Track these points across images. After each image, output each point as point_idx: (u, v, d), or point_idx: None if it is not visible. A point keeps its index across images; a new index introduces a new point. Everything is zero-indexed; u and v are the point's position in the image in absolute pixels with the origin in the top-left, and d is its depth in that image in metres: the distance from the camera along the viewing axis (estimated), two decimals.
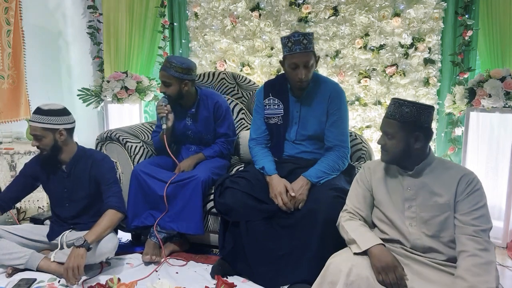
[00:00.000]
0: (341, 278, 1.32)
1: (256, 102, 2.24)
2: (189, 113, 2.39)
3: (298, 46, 1.94)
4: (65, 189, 2.06)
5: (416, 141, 1.45)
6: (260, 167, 2.06)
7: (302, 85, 2.01)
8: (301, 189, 1.92)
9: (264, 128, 2.19)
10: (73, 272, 1.74)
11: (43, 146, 1.95)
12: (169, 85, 2.24)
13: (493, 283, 1.28)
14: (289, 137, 2.15)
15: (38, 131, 1.92)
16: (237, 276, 1.96)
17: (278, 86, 2.17)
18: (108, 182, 2.03)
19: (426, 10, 2.74)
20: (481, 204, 1.39)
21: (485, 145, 2.53)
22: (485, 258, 1.31)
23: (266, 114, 2.18)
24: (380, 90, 2.90)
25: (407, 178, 1.52)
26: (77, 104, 3.38)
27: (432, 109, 1.48)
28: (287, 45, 1.97)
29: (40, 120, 1.92)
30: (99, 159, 2.08)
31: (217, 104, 2.40)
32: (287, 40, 1.96)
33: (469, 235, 1.35)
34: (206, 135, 2.43)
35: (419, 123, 1.44)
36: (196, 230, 2.11)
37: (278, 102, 2.14)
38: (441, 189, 1.45)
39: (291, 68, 1.99)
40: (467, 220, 1.38)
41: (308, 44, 1.95)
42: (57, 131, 1.95)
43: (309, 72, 1.99)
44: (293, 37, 1.94)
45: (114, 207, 1.97)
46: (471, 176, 1.44)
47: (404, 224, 1.49)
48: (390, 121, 1.48)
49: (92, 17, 3.64)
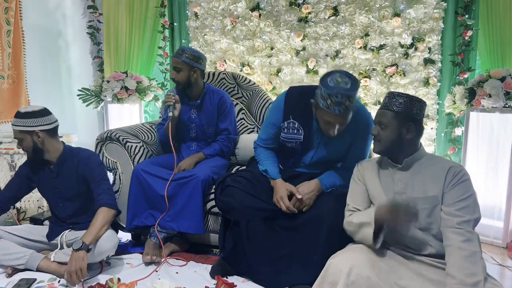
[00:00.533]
0: (342, 278, 1.32)
1: (271, 117, 2.02)
2: (194, 104, 2.44)
3: (339, 108, 1.63)
4: (56, 188, 2.06)
5: (408, 131, 1.51)
6: (264, 169, 2.03)
7: (331, 136, 1.79)
8: (311, 193, 1.88)
9: (274, 138, 2.04)
10: (76, 275, 1.75)
11: (25, 148, 1.98)
12: (180, 71, 2.32)
13: (480, 275, 1.30)
14: (303, 160, 2.02)
15: (16, 134, 1.96)
16: (237, 276, 1.96)
17: (302, 111, 1.89)
18: (97, 180, 2.02)
19: (426, 10, 2.75)
20: (466, 195, 1.42)
21: (485, 145, 2.53)
22: (468, 250, 1.33)
23: (282, 137, 1.98)
24: (380, 90, 2.90)
25: (398, 172, 1.56)
26: (77, 104, 3.39)
27: (424, 103, 1.54)
28: (325, 100, 1.64)
29: (16, 123, 1.95)
30: (85, 157, 2.07)
31: (222, 99, 2.47)
32: (327, 96, 1.62)
33: (452, 227, 1.39)
34: (208, 129, 2.46)
35: (412, 114, 1.50)
36: (196, 229, 2.12)
37: (299, 126, 1.93)
38: (430, 182, 1.49)
39: (323, 120, 1.74)
40: (450, 211, 1.41)
41: (351, 104, 1.64)
42: (34, 133, 1.95)
43: (343, 127, 1.74)
44: (335, 97, 1.60)
45: (106, 204, 1.97)
46: (459, 168, 1.48)
47: None
48: (384, 111, 1.55)
49: (92, 17, 3.64)
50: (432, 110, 2.84)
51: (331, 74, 1.68)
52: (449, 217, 1.41)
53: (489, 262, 2.26)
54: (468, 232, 1.36)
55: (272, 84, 3.14)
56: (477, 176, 2.54)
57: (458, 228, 1.37)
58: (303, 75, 3.06)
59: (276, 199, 1.91)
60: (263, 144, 2.09)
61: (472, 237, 1.36)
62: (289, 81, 3.09)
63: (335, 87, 1.62)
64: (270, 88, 3.14)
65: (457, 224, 1.38)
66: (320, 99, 1.66)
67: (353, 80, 1.66)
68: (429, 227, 1.47)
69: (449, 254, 1.36)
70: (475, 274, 1.30)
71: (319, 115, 1.75)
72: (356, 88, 1.64)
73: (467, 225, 1.38)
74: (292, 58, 3.08)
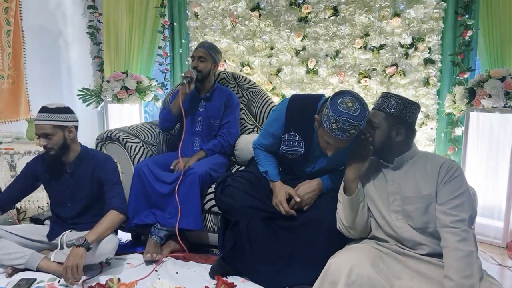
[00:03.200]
0: (342, 278, 1.32)
1: (271, 127, 1.95)
2: (204, 98, 2.53)
3: (342, 134, 1.53)
4: (67, 189, 2.05)
5: (397, 134, 1.51)
6: (264, 170, 2.02)
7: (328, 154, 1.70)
8: (312, 193, 1.88)
9: (274, 145, 2.00)
10: (72, 272, 1.73)
11: (52, 145, 1.93)
12: (204, 61, 2.45)
13: (476, 276, 1.31)
14: (303, 170, 1.99)
15: (47, 129, 1.90)
16: (237, 276, 1.96)
17: (303, 123, 1.84)
18: (111, 183, 2.03)
19: (426, 10, 2.74)
20: (459, 191, 1.41)
21: (485, 145, 2.53)
22: (464, 250, 1.33)
23: (283, 149, 1.93)
24: (380, 90, 2.90)
25: (390, 171, 1.56)
26: (77, 104, 3.38)
27: (418, 107, 1.54)
28: (330, 122, 1.53)
29: (49, 118, 1.90)
30: (102, 160, 2.08)
31: (230, 95, 2.58)
32: (333, 120, 1.51)
33: (447, 227, 1.38)
34: (214, 121, 2.52)
35: (403, 117, 1.50)
36: (195, 225, 2.12)
37: (300, 139, 1.88)
38: (423, 180, 1.48)
39: (323, 140, 1.65)
40: (444, 210, 1.40)
41: (355, 132, 1.53)
42: (67, 128, 1.95)
43: (342, 149, 1.65)
44: (342, 123, 1.50)
45: (116, 208, 1.97)
46: (452, 163, 1.47)
47: (391, 218, 1.52)
48: (376, 111, 1.56)
49: (92, 17, 3.64)
50: (432, 110, 2.84)
51: (342, 95, 1.55)
52: (444, 217, 1.40)
53: (489, 262, 2.27)
54: (463, 231, 1.36)
55: (272, 84, 3.14)
56: (477, 176, 2.54)
57: (453, 228, 1.37)
58: (303, 75, 3.07)
59: (275, 203, 1.90)
60: (263, 148, 2.07)
61: (467, 236, 1.35)
62: (289, 81, 3.10)
63: (343, 112, 1.49)
64: (270, 88, 3.14)
65: (452, 223, 1.37)
66: (325, 119, 1.56)
67: (364, 107, 1.53)
68: (426, 226, 1.46)
69: (446, 255, 1.36)
70: (471, 276, 1.30)
71: (320, 133, 1.66)
72: (365, 118, 1.52)
73: (462, 224, 1.37)
74: (292, 58, 3.08)
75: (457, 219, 1.37)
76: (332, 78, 3.00)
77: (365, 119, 1.52)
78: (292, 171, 2.02)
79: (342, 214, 1.61)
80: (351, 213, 1.56)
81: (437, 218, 1.43)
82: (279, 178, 1.98)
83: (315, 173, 1.97)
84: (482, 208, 2.53)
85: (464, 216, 1.38)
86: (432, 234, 1.46)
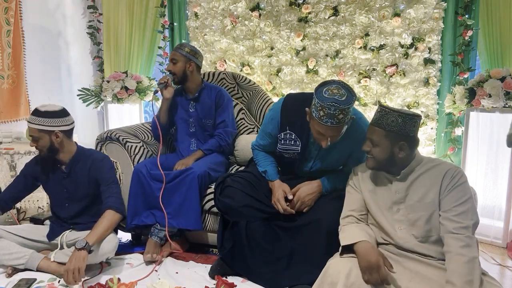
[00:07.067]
0: (341, 279, 1.32)
1: (267, 127, 1.95)
2: (192, 98, 2.51)
3: (331, 120, 1.56)
4: (65, 189, 2.06)
5: (400, 150, 1.47)
6: (263, 170, 2.02)
7: (323, 147, 1.71)
8: (312, 195, 1.87)
9: (271, 145, 2.00)
10: (73, 275, 1.74)
11: (40, 148, 1.97)
12: (176, 62, 2.43)
13: (477, 282, 1.30)
14: (301, 169, 1.99)
15: (34, 132, 1.93)
16: (237, 276, 1.96)
17: (298, 121, 1.83)
18: (108, 183, 2.03)
19: (426, 10, 2.74)
20: (463, 199, 1.40)
21: (485, 145, 2.53)
22: (467, 256, 1.32)
23: (279, 149, 1.93)
24: (380, 90, 2.90)
25: (395, 182, 1.53)
26: (77, 104, 3.39)
27: (419, 118, 1.48)
28: (318, 110, 1.57)
29: (36, 121, 1.92)
30: (98, 159, 2.08)
31: (220, 93, 2.54)
32: (320, 107, 1.55)
33: (451, 233, 1.37)
34: (206, 121, 2.50)
35: (404, 132, 1.45)
36: (194, 225, 2.12)
37: (296, 138, 1.88)
38: (428, 188, 1.47)
39: (315, 130, 1.67)
40: (448, 216, 1.39)
41: (344, 118, 1.57)
42: (53, 133, 1.95)
43: (336, 139, 1.68)
44: (328, 109, 1.53)
45: (113, 207, 1.97)
46: (456, 170, 1.45)
47: (393, 228, 1.50)
48: (375, 128, 1.50)
49: (92, 17, 3.64)
50: (432, 110, 2.83)
51: (327, 84, 1.61)
52: (448, 223, 1.39)
53: (489, 262, 2.27)
54: (467, 237, 1.35)
55: (272, 84, 3.14)
56: (477, 176, 2.54)
57: (456, 234, 1.36)
58: (303, 75, 3.06)
59: (273, 201, 1.90)
60: (261, 149, 2.07)
61: (471, 242, 1.35)
62: (289, 81, 3.10)
63: (329, 98, 1.54)
64: (270, 88, 3.14)
65: (455, 229, 1.36)
66: (314, 109, 1.60)
67: (350, 93, 1.58)
68: (428, 235, 1.45)
69: (449, 260, 1.35)
70: (473, 282, 1.29)
71: (312, 124, 1.68)
72: (352, 101, 1.55)
73: (465, 231, 1.36)
74: (292, 58, 3.08)
75: (461, 226, 1.36)
76: (332, 78, 2.99)
77: (352, 103, 1.55)
78: (291, 171, 2.02)
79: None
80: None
81: (441, 224, 1.41)
82: (278, 177, 1.98)
83: (314, 173, 1.97)
84: (482, 208, 2.53)
85: (468, 223, 1.37)
86: (434, 243, 1.44)
